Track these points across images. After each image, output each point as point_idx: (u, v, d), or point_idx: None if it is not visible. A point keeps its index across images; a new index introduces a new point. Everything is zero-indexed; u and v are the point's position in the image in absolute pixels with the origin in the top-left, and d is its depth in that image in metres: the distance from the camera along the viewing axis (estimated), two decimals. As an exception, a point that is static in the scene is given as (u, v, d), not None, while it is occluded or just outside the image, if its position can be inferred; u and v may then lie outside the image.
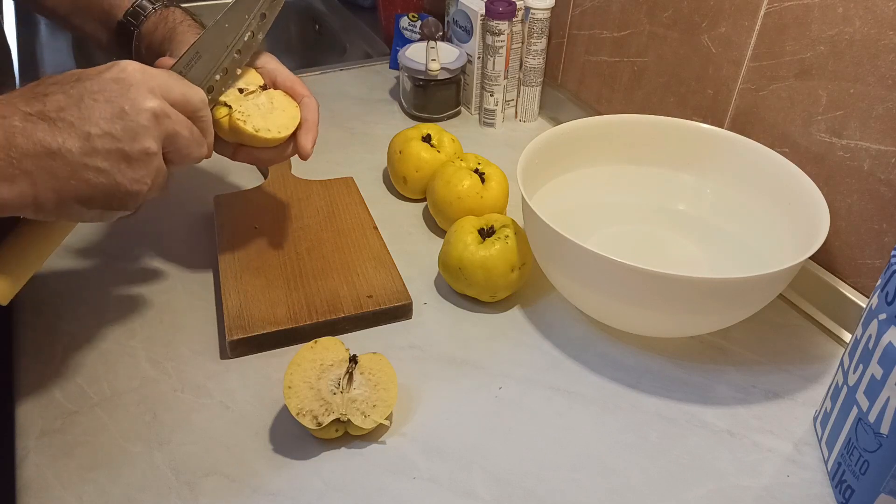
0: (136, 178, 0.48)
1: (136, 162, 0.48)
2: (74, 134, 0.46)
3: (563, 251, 0.60)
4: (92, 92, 0.47)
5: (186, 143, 0.52)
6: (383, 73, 1.13)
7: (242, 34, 0.61)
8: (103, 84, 0.47)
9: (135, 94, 0.48)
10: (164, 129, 0.50)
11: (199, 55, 0.58)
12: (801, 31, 0.65)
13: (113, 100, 0.47)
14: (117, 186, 0.48)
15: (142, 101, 0.48)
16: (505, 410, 0.59)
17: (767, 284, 0.58)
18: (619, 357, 0.64)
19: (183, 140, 0.51)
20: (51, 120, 0.45)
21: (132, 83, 0.48)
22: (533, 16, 0.92)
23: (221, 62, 0.59)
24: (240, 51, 0.61)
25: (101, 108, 0.47)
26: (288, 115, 0.63)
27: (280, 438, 0.56)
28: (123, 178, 0.48)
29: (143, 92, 0.48)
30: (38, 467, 0.53)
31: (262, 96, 0.62)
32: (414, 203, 0.83)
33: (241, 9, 0.61)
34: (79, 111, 0.46)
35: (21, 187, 0.45)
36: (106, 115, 0.47)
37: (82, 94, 0.47)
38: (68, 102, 0.46)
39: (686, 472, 0.55)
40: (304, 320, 0.63)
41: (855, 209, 0.65)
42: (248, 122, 0.60)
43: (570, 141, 0.73)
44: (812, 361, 0.65)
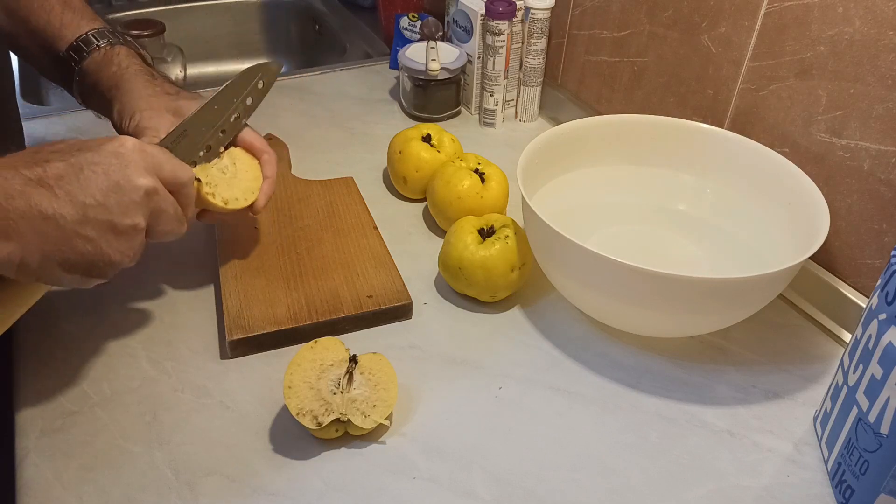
0: (120, 249, 0.50)
1: (123, 235, 0.50)
2: (70, 202, 0.47)
3: (563, 251, 0.60)
4: (91, 163, 0.49)
5: (169, 220, 0.54)
6: (383, 73, 1.13)
7: (229, 116, 0.63)
8: (103, 157, 0.49)
9: (132, 171, 0.50)
10: (152, 206, 0.52)
11: (186, 133, 0.60)
12: (801, 31, 0.65)
13: (110, 174, 0.49)
14: (101, 256, 0.49)
15: (137, 178, 0.50)
16: (505, 410, 0.59)
17: (767, 284, 0.58)
18: (619, 357, 0.64)
19: (167, 217, 0.54)
20: (49, 186, 0.47)
21: (130, 160, 0.50)
22: (533, 16, 0.92)
23: (206, 140, 0.62)
24: (224, 131, 0.63)
25: (98, 180, 0.48)
26: (251, 177, 0.65)
27: (280, 438, 0.56)
28: (109, 249, 0.49)
29: (139, 169, 0.50)
30: (38, 467, 0.53)
31: (224, 158, 0.64)
32: (414, 203, 0.83)
33: (230, 92, 0.63)
34: (77, 181, 0.48)
35: (11, 247, 0.46)
36: (102, 187, 0.48)
37: (82, 165, 0.48)
38: (68, 171, 0.48)
39: (686, 472, 0.55)
40: (304, 320, 0.63)
41: (855, 209, 0.65)
42: (217, 194, 0.61)
43: (570, 141, 0.73)
44: (812, 361, 0.65)
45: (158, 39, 1.24)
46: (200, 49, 1.39)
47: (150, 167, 0.51)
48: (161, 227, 0.54)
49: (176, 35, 1.29)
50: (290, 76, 1.11)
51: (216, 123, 0.62)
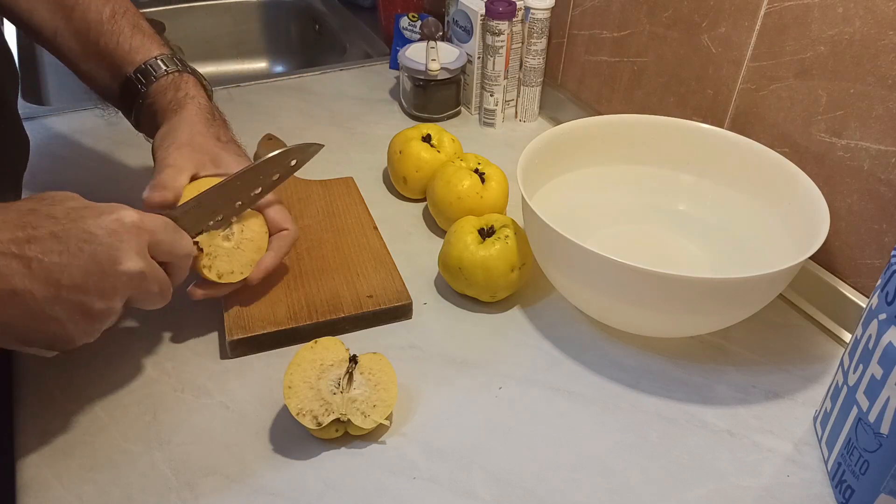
0: (86, 330, 0.48)
1: (94, 318, 0.48)
2: (45, 280, 0.44)
3: (563, 251, 0.60)
4: (81, 240, 0.46)
5: (152, 298, 0.52)
6: (383, 73, 1.13)
7: (250, 190, 0.61)
8: (96, 232, 0.46)
9: (122, 254, 0.47)
10: (135, 287, 0.49)
11: (200, 204, 0.58)
12: (801, 31, 0.65)
13: (97, 254, 0.46)
14: (65, 336, 0.47)
15: (125, 262, 0.47)
16: (505, 410, 0.59)
17: (767, 284, 0.58)
18: (619, 357, 0.64)
19: (149, 296, 0.51)
20: (27, 260, 0.44)
21: (123, 240, 0.47)
22: (533, 16, 0.92)
23: (220, 211, 0.59)
24: (241, 202, 0.61)
25: (82, 259, 0.46)
26: (255, 248, 0.62)
27: (280, 438, 0.56)
28: (75, 330, 0.47)
29: (130, 253, 0.48)
30: (38, 467, 0.53)
31: (234, 225, 0.61)
32: (414, 203, 0.83)
33: (260, 170, 0.61)
34: (59, 257, 0.45)
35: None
36: (84, 268, 0.46)
37: (70, 239, 0.45)
38: (53, 246, 0.45)
39: (686, 472, 0.55)
40: (304, 320, 0.63)
41: (855, 209, 0.65)
42: (213, 266, 0.59)
43: (570, 141, 0.73)
44: (812, 361, 0.65)
45: (158, 39, 1.24)
46: (200, 49, 1.39)
47: (142, 248, 0.49)
48: (140, 303, 0.52)
49: (176, 35, 1.29)
50: (290, 76, 1.11)
51: (235, 197, 0.60)
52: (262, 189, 0.61)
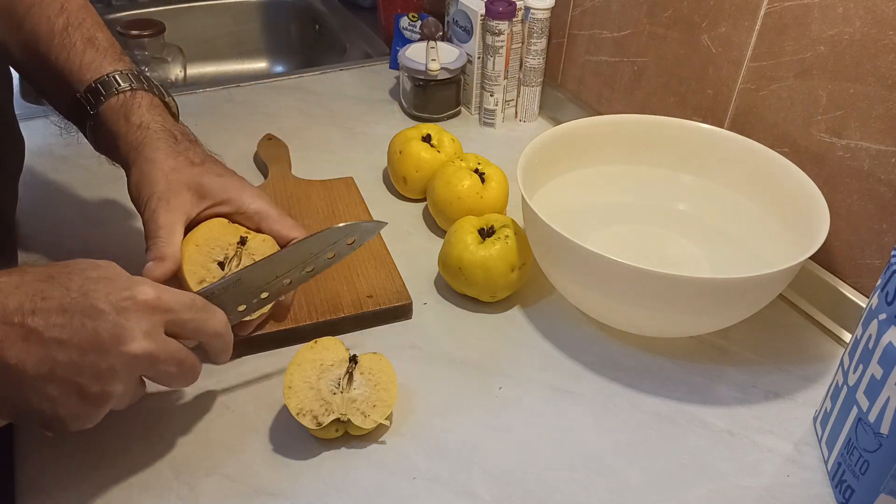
0: (80, 415, 0.44)
1: (89, 400, 0.44)
2: (40, 356, 0.42)
3: (563, 251, 0.60)
4: (86, 315, 0.43)
5: (172, 380, 0.49)
6: (383, 73, 1.13)
7: (301, 267, 0.57)
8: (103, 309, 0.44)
9: (126, 333, 0.44)
10: (143, 370, 0.46)
11: (241, 282, 0.54)
12: (801, 31, 0.65)
13: (100, 333, 0.43)
14: (56, 417, 0.44)
15: (128, 343, 0.44)
16: (505, 410, 0.59)
17: (767, 284, 0.58)
18: (619, 357, 0.64)
19: (167, 378, 0.48)
20: (28, 331, 0.42)
21: (130, 319, 0.44)
22: (533, 16, 0.92)
23: (265, 288, 0.56)
24: (291, 281, 0.57)
25: (83, 337, 0.43)
26: None
27: (280, 438, 0.56)
28: (67, 413, 0.44)
29: (136, 333, 0.44)
30: (38, 467, 0.53)
31: (244, 257, 0.59)
32: (414, 203, 0.83)
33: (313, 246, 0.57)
34: (60, 332, 0.42)
35: None
36: (84, 344, 0.43)
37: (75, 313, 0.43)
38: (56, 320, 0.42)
39: (686, 472, 0.55)
40: (304, 320, 0.63)
41: (855, 209, 0.65)
42: None
43: (570, 141, 0.73)
44: (812, 361, 0.65)
45: (158, 39, 1.25)
46: (200, 49, 1.39)
47: (154, 328, 0.45)
48: (160, 383, 0.49)
49: (176, 35, 1.29)
50: (290, 76, 1.11)
51: (281, 274, 0.56)
52: (313, 269, 0.58)
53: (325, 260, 0.58)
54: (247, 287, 0.55)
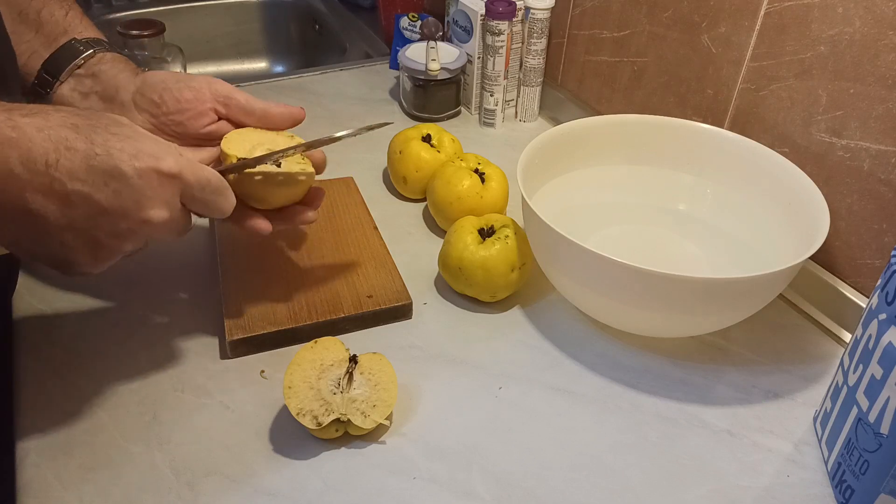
0: (93, 263, 0.47)
1: (101, 253, 0.47)
2: (61, 206, 0.44)
3: (563, 251, 0.60)
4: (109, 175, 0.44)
5: (168, 238, 0.51)
6: (383, 73, 1.13)
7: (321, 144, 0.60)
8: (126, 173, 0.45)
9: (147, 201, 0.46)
10: (153, 234, 0.48)
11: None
12: (801, 31, 0.65)
13: (122, 195, 0.45)
14: (69, 262, 0.46)
15: (148, 210, 0.46)
16: (505, 410, 0.59)
17: (767, 284, 0.58)
18: (619, 357, 0.64)
19: (166, 237, 0.50)
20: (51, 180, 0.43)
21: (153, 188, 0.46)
22: (533, 16, 0.92)
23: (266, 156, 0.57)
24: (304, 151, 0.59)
25: (105, 195, 0.44)
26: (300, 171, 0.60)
27: (280, 438, 0.56)
28: (81, 259, 0.46)
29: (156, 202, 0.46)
30: (38, 467, 0.53)
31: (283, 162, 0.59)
32: (414, 203, 0.83)
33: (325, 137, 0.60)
34: (82, 186, 0.44)
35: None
36: (104, 205, 0.45)
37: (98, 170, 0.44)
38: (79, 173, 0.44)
39: (686, 472, 0.55)
40: (304, 320, 0.63)
41: (855, 209, 0.65)
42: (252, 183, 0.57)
43: (570, 141, 0.73)
44: (812, 361, 0.65)
45: (158, 39, 1.24)
46: (200, 49, 1.39)
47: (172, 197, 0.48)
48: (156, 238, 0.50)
49: (176, 35, 1.29)
50: (290, 76, 1.11)
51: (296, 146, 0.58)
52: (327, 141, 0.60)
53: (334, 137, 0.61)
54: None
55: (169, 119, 0.59)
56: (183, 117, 0.59)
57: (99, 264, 0.48)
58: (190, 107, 0.59)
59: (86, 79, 0.60)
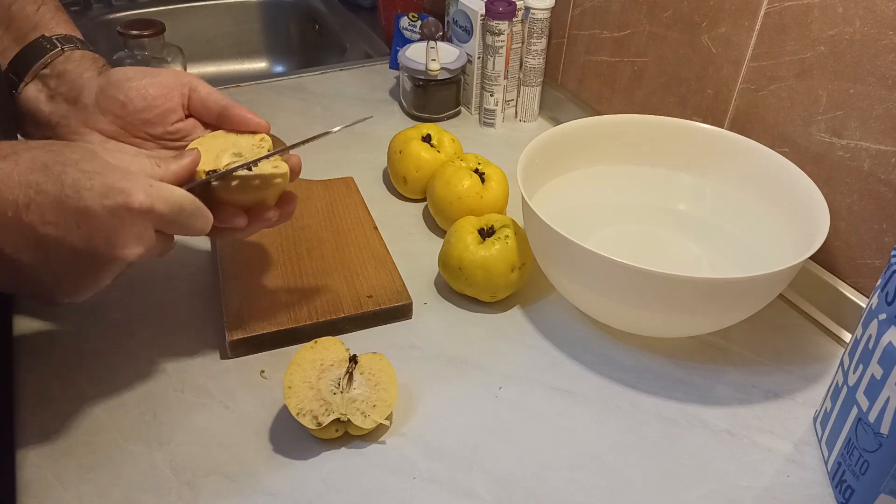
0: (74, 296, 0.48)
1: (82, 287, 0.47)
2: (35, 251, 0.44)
3: (563, 251, 0.60)
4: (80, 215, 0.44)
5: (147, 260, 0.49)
6: (383, 73, 1.13)
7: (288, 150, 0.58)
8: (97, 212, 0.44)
9: (119, 239, 0.45)
10: (130, 265, 0.48)
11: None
12: (801, 31, 0.65)
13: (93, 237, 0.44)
14: (52, 296, 0.47)
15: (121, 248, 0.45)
16: (505, 410, 0.59)
17: (767, 284, 0.58)
18: (619, 357, 0.64)
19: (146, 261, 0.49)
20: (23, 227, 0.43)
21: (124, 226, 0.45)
22: (533, 16, 0.92)
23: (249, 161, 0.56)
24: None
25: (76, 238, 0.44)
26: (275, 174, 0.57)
27: (280, 438, 0.56)
28: (62, 294, 0.47)
29: (129, 240, 0.46)
30: (38, 467, 0.53)
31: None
32: (414, 203, 0.83)
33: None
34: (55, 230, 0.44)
35: None
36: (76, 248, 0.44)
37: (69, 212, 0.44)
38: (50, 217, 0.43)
39: (686, 472, 0.55)
40: (304, 320, 0.63)
41: (855, 209, 0.65)
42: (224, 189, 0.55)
43: (570, 141, 0.73)
44: (812, 361, 0.65)
45: (158, 39, 1.24)
46: (200, 49, 1.39)
47: (146, 230, 0.46)
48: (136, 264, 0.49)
49: (176, 35, 1.29)
50: (289, 76, 1.11)
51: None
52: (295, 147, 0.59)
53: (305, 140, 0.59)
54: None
55: (136, 118, 0.57)
56: (150, 115, 0.57)
57: (82, 295, 0.48)
58: (157, 104, 0.57)
59: (51, 79, 0.58)
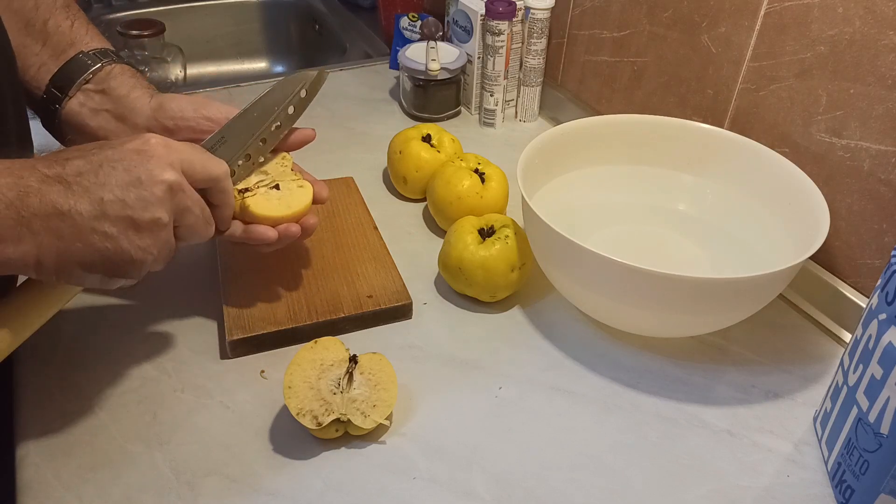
0: (142, 246, 0.49)
1: (145, 231, 0.48)
2: (87, 198, 0.46)
3: (563, 251, 0.60)
4: (112, 160, 0.48)
5: (195, 220, 0.53)
6: (383, 73, 1.13)
7: (269, 125, 0.61)
8: (124, 154, 0.48)
9: (153, 165, 0.49)
10: (176, 202, 0.50)
11: (224, 140, 0.59)
12: (801, 31, 0.65)
13: (131, 169, 0.48)
14: (122, 253, 0.48)
15: (159, 172, 0.49)
16: (505, 410, 0.59)
17: (767, 284, 0.58)
18: (619, 357, 0.64)
19: (192, 217, 0.52)
20: (67, 183, 0.46)
21: (153, 155, 0.49)
22: (533, 16, 0.92)
23: (245, 149, 0.60)
24: (264, 139, 0.61)
25: (117, 175, 0.47)
26: (299, 194, 0.62)
27: (280, 438, 0.56)
28: (129, 245, 0.48)
29: (163, 164, 0.49)
30: (38, 467, 0.53)
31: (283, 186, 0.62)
32: (414, 203, 0.83)
33: (270, 100, 0.61)
34: (95, 177, 0.47)
35: (26, 247, 0.45)
36: (121, 182, 0.47)
37: (102, 161, 0.47)
38: (87, 168, 0.47)
39: (686, 472, 0.55)
40: (304, 320, 0.63)
41: (855, 209, 0.65)
42: (256, 204, 0.60)
43: (570, 141, 0.73)
44: (812, 361, 0.65)
45: (158, 39, 1.25)
46: (200, 49, 1.39)
47: (175, 162, 0.50)
48: (188, 227, 0.52)
49: (176, 35, 1.29)
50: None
51: (255, 132, 0.60)
52: (281, 123, 0.62)
53: (288, 115, 0.63)
54: (230, 146, 0.59)
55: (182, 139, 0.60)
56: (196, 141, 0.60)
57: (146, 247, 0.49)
58: (206, 128, 0.61)
59: (95, 94, 0.61)
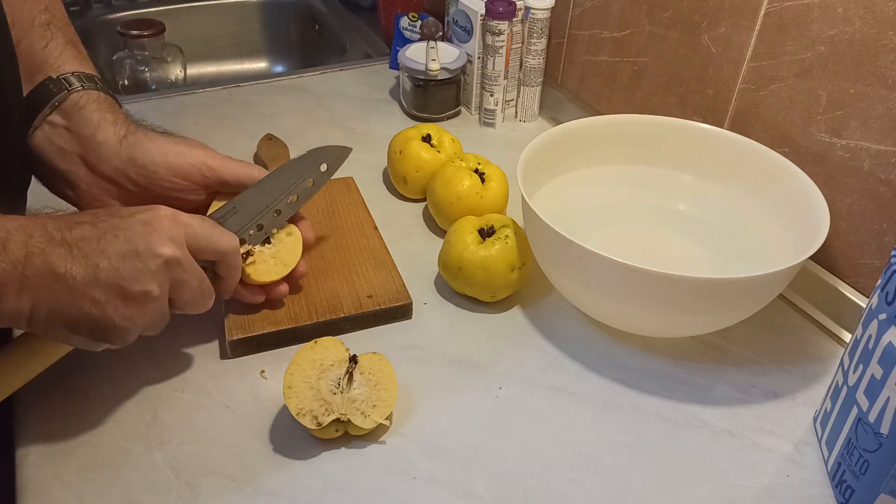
0: (126, 315, 0.49)
1: (132, 301, 0.49)
2: (84, 263, 0.47)
3: (563, 251, 0.60)
4: (116, 228, 0.49)
5: (192, 295, 0.53)
6: (383, 73, 1.13)
7: (285, 196, 0.62)
8: (130, 224, 0.49)
9: (154, 238, 0.49)
10: (172, 276, 0.51)
11: (236, 210, 0.60)
12: (801, 31, 0.65)
13: (132, 239, 0.49)
14: (106, 319, 0.49)
15: (158, 245, 0.49)
16: (505, 410, 0.59)
17: (767, 284, 0.58)
18: (619, 357, 0.64)
19: (189, 292, 0.53)
20: (68, 246, 0.47)
21: (156, 228, 0.50)
22: (533, 16, 0.92)
23: (258, 219, 0.61)
24: (279, 211, 0.62)
25: (118, 244, 0.48)
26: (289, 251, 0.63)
27: (280, 438, 0.56)
28: (114, 313, 0.49)
29: (164, 238, 0.50)
30: (38, 467, 0.53)
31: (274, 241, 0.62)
32: (414, 203, 0.83)
33: (290, 173, 0.62)
34: (97, 244, 0.48)
35: (24, 301, 0.46)
36: (120, 252, 0.48)
37: (107, 230, 0.49)
38: (92, 234, 0.48)
39: (686, 472, 0.55)
40: (304, 320, 0.63)
41: (855, 209, 0.65)
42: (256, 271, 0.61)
43: (570, 141, 0.73)
44: (812, 361, 0.65)
45: (158, 39, 1.25)
46: (200, 49, 1.39)
47: (178, 237, 0.51)
48: (182, 300, 0.53)
49: (176, 35, 1.29)
50: (290, 76, 1.11)
51: (270, 203, 0.61)
52: (297, 197, 0.63)
53: (306, 188, 0.63)
54: (242, 216, 0.60)
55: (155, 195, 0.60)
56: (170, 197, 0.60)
57: (136, 319, 0.50)
58: (180, 187, 0.61)
59: (62, 129, 0.59)
